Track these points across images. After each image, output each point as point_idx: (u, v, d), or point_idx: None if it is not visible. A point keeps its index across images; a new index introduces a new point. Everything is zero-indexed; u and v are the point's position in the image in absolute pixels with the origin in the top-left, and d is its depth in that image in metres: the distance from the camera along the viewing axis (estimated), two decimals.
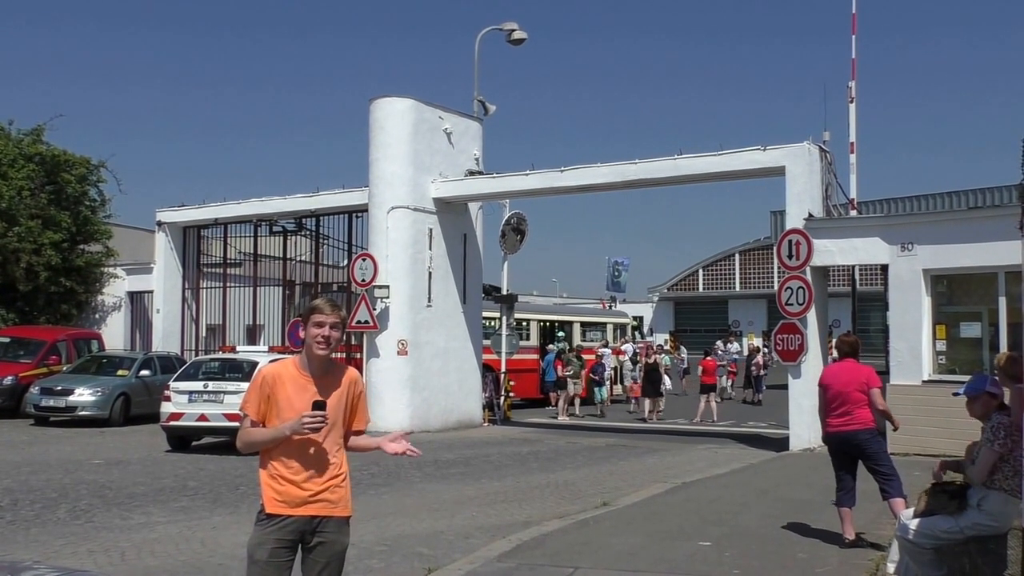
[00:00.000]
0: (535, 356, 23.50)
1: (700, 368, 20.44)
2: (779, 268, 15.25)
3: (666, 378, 20.11)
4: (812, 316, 14.19)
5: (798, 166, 14.49)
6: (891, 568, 5.72)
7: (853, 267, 16.40)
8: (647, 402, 19.81)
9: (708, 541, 7.53)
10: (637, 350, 24.35)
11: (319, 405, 3.54)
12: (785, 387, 14.94)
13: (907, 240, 13.35)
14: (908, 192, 19.33)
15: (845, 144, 15.94)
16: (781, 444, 14.73)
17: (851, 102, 15.71)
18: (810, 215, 14.30)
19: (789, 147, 14.65)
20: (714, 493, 10.18)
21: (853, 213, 15.63)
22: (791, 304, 14.17)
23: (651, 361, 20.29)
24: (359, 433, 3.84)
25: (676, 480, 11.06)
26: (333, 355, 3.81)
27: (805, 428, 13.81)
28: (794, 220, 14.43)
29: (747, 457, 13.68)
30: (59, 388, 17.24)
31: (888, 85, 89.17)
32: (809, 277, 14.12)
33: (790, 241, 14.24)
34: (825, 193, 14.71)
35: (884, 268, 14.95)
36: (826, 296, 15.15)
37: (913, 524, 5.26)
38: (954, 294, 13.86)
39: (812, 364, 14.15)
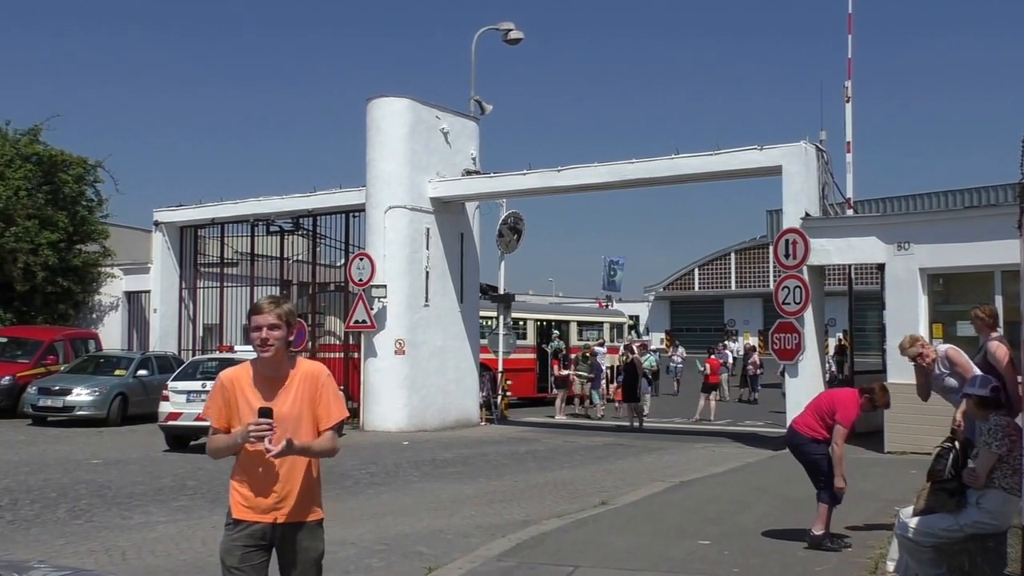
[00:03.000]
0: (532, 355, 23.54)
1: (707, 367, 20.38)
2: (775, 267, 15.28)
3: (643, 382, 18.44)
4: (809, 315, 14.24)
5: (795, 165, 14.53)
6: (891, 566, 5.74)
7: (850, 266, 16.45)
8: (638, 407, 18.22)
9: (707, 540, 7.53)
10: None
11: (264, 412, 3.36)
12: (780, 386, 14.98)
13: (904, 239, 13.39)
14: (904, 191, 19.41)
15: (841, 143, 16.02)
16: (777, 443, 14.71)
17: (847, 101, 15.77)
18: (807, 214, 14.35)
19: (786, 146, 14.70)
20: (712, 492, 10.20)
21: (850, 212, 15.69)
22: (788, 303, 14.21)
23: (628, 361, 18.67)
24: (331, 430, 3.55)
25: (674, 479, 11.08)
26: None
27: None
28: (791, 219, 14.48)
29: (744, 456, 13.73)
30: (57, 388, 17.22)
31: (884, 84, 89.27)
32: (806, 276, 14.16)
33: (787, 240, 14.28)
34: (822, 192, 14.77)
35: (880, 267, 14.98)
36: (823, 295, 15.20)
37: (912, 522, 5.27)
38: (951, 293, 13.89)
39: (809, 363, 14.21)
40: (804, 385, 14.00)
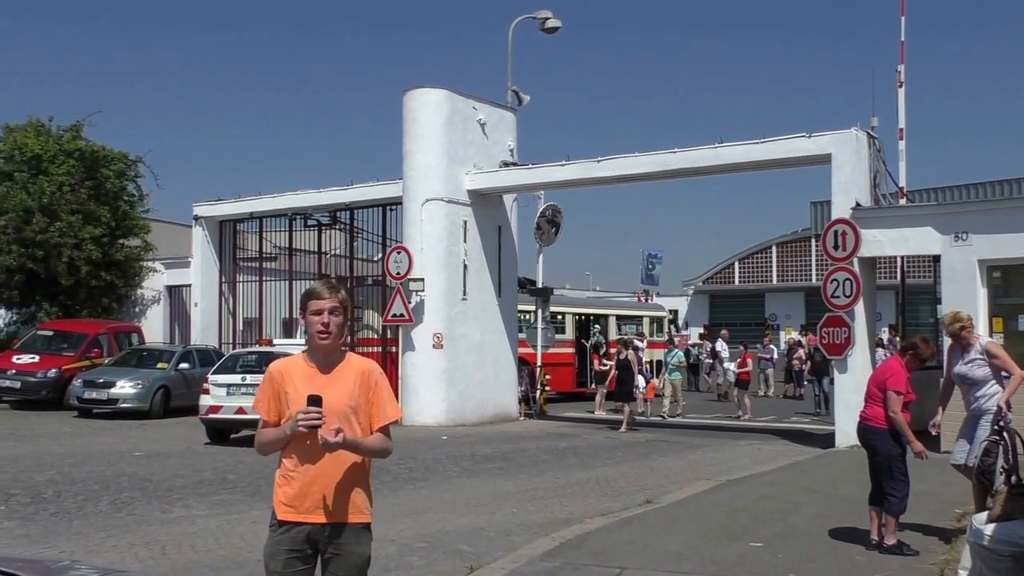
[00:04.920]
0: (571, 350, 23.30)
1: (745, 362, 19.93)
2: (820, 260, 14.84)
3: (640, 379, 17.14)
4: (859, 309, 13.77)
5: (845, 153, 14.05)
6: (963, 575, 5.42)
7: (901, 258, 15.90)
8: (626, 407, 16.82)
9: (759, 542, 7.29)
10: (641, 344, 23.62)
11: (314, 400, 3.23)
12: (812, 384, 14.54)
13: (961, 229, 12.87)
14: (960, 180, 18.69)
15: (894, 131, 15.45)
16: (826, 440, 14.37)
17: (900, 86, 15.18)
18: (857, 204, 13.86)
19: (836, 134, 14.22)
20: (761, 491, 9.91)
21: (902, 202, 15.14)
22: (837, 296, 13.75)
23: (623, 358, 17.22)
24: (384, 431, 3.45)
25: (720, 477, 10.80)
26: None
27: (852, 424, 13.30)
28: (840, 209, 14.00)
29: (792, 454, 13.36)
30: (101, 381, 17.42)
31: (939, 70, 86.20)
32: (857, 268, 13.70)
33: (836, 231, 13.82)
34: (873, 181, 14.25)
35: (933, 259, 14.48)
36: (874, 288, 14.71)
37: (988, 529, 4.93)
38: (1011, 285, 13.35)
39: (859, 358, 13.75)
40: (853, 381, 13.55)
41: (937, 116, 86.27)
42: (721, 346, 24.43)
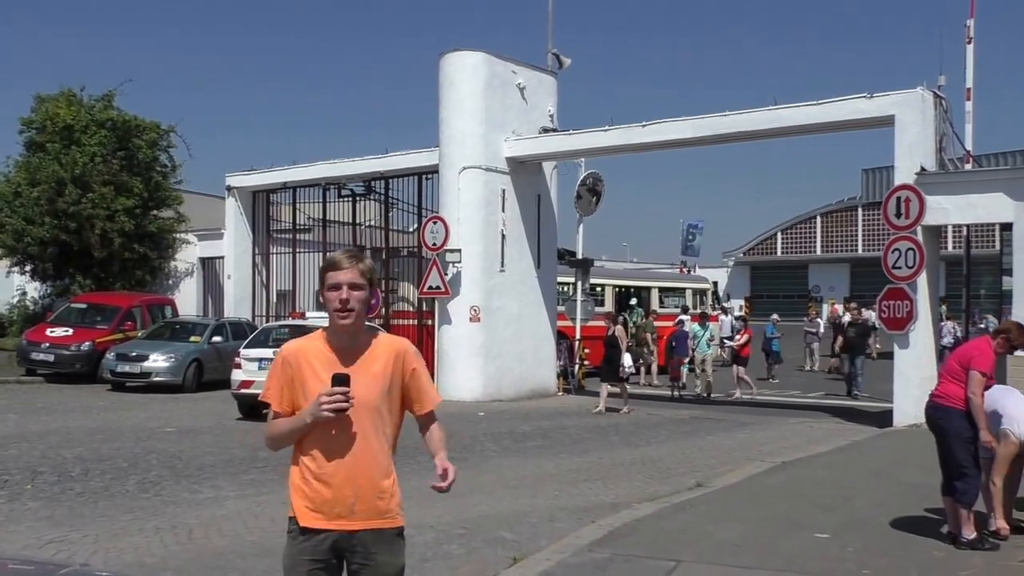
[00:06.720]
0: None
1: (744, 338, 18.78)
2: (868, 230, 13.96)
3: (627, 357, 15.58)
4: (922, 281, 12.96)
5: (909, 115, 13.15)
6: None
7: (967, 227, 14.97)
8: (604, 388, 15.34)
9: (824, 532, 6.76)
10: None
11: (340, 379, 2.78)
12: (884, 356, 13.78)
13: None
14: None
15: (960, 91, 14.44)
16: (882, 419, 13.67)
17: (968, 43, 14.15)
18: (922, 169, 12.98)
19: (899, 94, 13.32)
20: (819, 474, 9.35)
21: (969, 166, 14.19)
22: (899, 267, 12.95)
23: (610, 334, 15.42)
24: (429, 418, 3.07)
25: (774, 459, 10.22)
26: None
27: (912, 402, 12.64)
28: (904, 175, 13.14)
29: (847, 433, 12.70)
30: (134, 354, 17.25)
31: (1011, 24, 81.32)
32: (920, 237, 12.87)
33: (899, 198, 12.98)
34: (939, 145, 13.34)
35: (1001, 227, 13.57)
36: (938, 259, 13.86)
37: None
38: None
39: (921, 333, 12.98)
40: (915, 357, 12.82)
41: (1008, 75, 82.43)
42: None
